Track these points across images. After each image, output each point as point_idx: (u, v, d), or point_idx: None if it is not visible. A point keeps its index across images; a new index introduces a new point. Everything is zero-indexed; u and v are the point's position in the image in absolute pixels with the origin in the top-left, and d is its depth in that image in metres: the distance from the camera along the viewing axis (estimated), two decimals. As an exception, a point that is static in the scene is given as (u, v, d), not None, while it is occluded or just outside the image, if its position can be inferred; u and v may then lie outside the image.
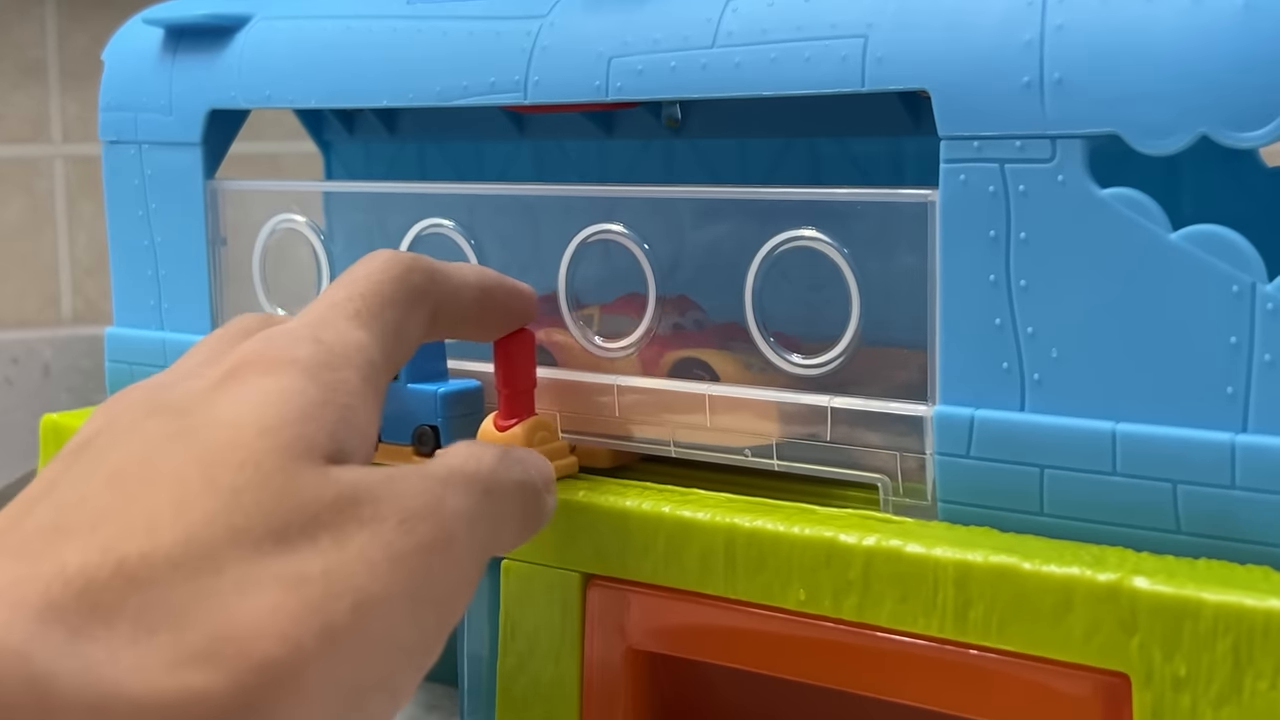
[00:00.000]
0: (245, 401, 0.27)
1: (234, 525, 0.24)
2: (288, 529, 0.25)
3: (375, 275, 0.32)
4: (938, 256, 0.33)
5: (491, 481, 0.29)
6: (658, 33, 0.36)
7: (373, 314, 0.31)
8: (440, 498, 0.27)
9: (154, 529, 0.24)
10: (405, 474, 0.27)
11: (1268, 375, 0.29)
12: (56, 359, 0.80)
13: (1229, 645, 0.27)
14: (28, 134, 0.81)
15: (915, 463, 0.34)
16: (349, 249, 0.45)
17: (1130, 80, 0.30)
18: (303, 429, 0.26)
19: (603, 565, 0.36)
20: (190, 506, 0.24)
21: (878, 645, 0.32)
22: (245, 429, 0.26)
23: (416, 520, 0.27)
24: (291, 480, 0.25)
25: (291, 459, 0.26)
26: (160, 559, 0.23)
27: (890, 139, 0.45)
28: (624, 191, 0.39)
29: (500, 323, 0.36)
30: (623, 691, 0.36)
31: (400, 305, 0.32)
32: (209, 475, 0.25)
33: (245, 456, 0.25)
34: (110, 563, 0.23)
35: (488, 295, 0.35)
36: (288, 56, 0.44)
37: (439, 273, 0.33)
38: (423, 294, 0.32)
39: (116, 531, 0.24)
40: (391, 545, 0.26)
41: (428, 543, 0.27)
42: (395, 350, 0.31)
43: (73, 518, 0.24)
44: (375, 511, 0.26)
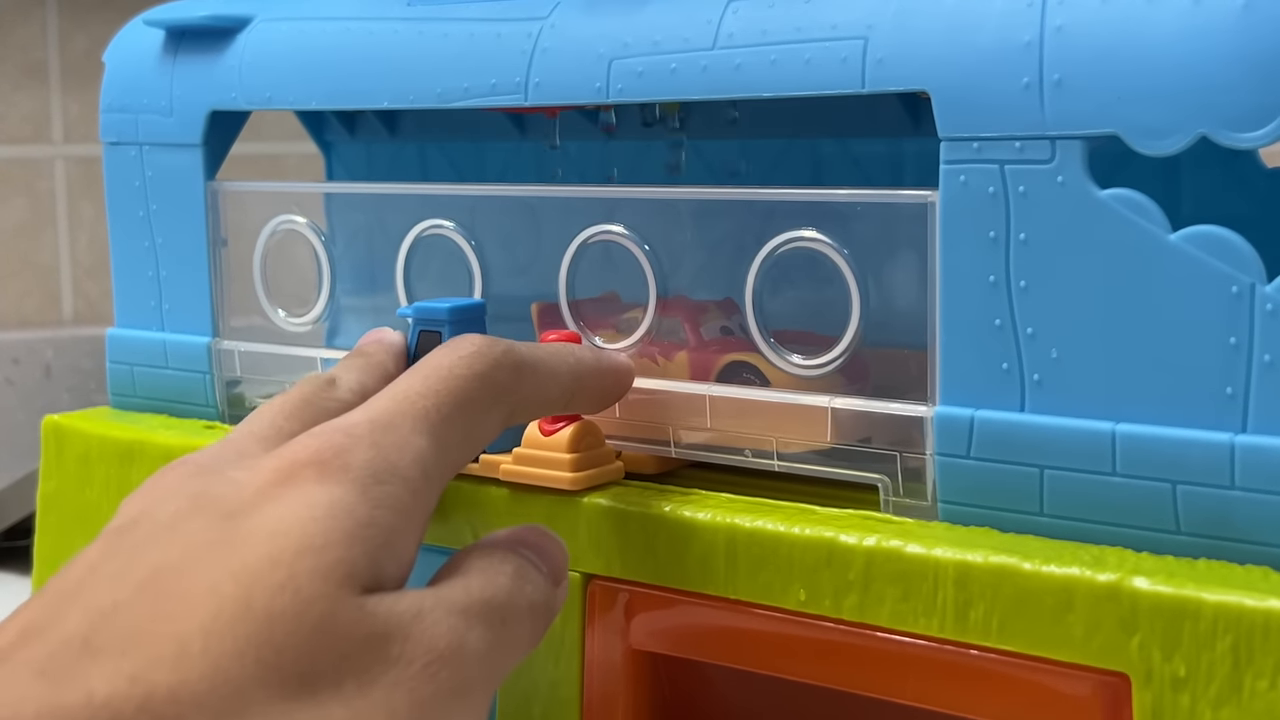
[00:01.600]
0: (291, 513, 0.26)
1: (263, 660, 0.24)
2: (315, 669, 0.24)
3: (459, 370, 0.30)
4: (938, 257, 0.33)
5: (508, 610, 0.29)
6: (658, 34, 0.37)
7: (443, 416, 0.29)
8: (463, 638, 0.27)
9: (183, 657, 0.23)
10: (434, 607, 0.27)
11: (1267, 376, 0.29)
12: (57, 359, 0.80)
13: (1229, 645, 0.28)
14: (29, 135, 0.81)
15: (915, 463, 0.34)
16: (350, 250, 0.45)
17: (1130, 81, 0.30)
18: (345, 552, 0.26)
19: (603, 565, 0.36)
20: (222, 633, 0.24)
21: (878, 645, 0.32)
22: (287, 546, 0.25)
23: (440, 665, 0.26)
24: (329, 614, 0.25)
25: (333, 586, 0.25)
26: (187, 696, 0.23)
27: (890, 140, 0.45)
28: (624, 192, 0.39)
29: (590, 405, 0.36)
30: (623, 691, 0.36)
31: (477, 405, 0.30)
32: (245, 595, 0.24)
33: (285, 579, 0.25)
34: (137, 696, 0.23)
35: (578, 384, 0.34)
36: (289, 58, 0.44)
37: (528, 367, 0.32)
38: (505, 393, 0.31)
39: (146, 658, 0.23)
40: (414, 692, 0.26)
41: (448, 689, 0.26)
42: (461, 454, 0.30)
43: (104, 633, 0.24)
44: (403, 651, 0.26)
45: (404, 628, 0.26)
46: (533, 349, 0.33)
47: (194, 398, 0.47)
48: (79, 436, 0.47)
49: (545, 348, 0.34)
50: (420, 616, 0.26)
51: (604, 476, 0.37)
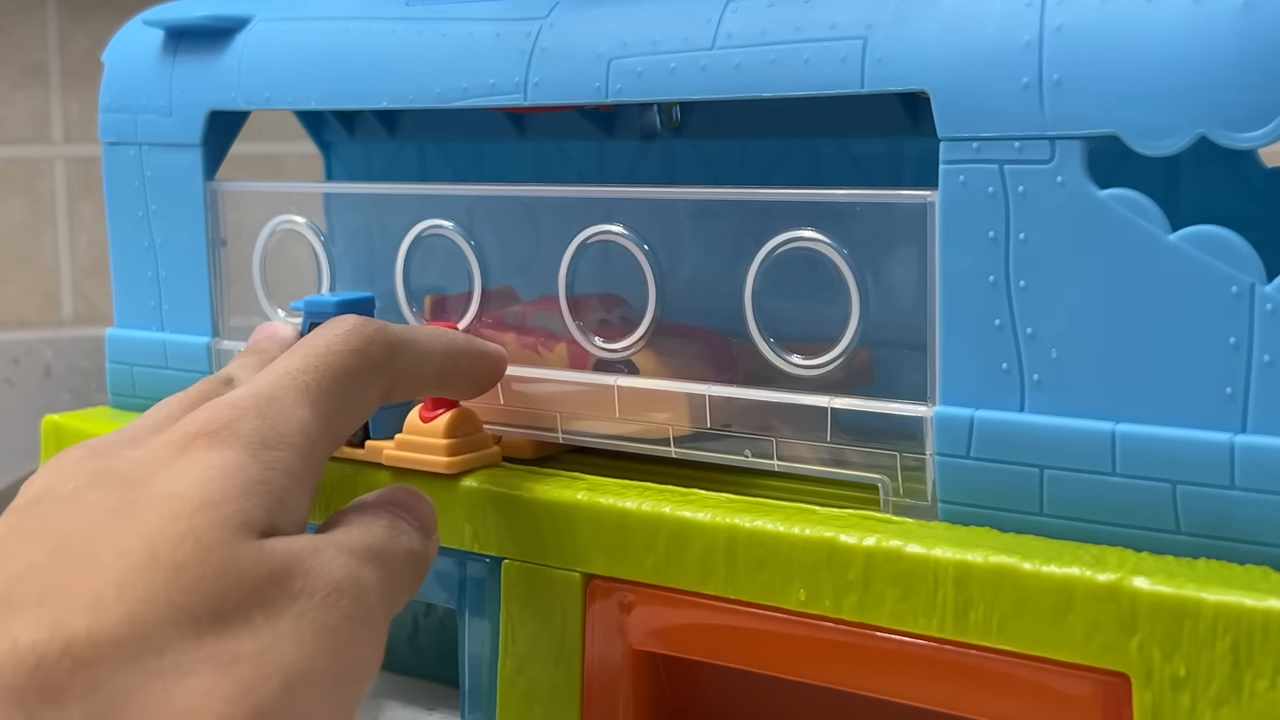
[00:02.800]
0: (187, 475, 0.28)
1: (174, 603, 0.25)
2: (224, 606, 0.26)
3: (335, 346, 0.32)
4: (937, 257, 0.33)
5: (389, 554, 0.30)
6: (657, 34, 0.37)
7: (323, 389, 0.31)
8: (357, 571, 0.29)
9: (99, 604, 0.25)
10: (325, 546, 0.29)
11: (1267, 376, 0.29)
12: (57, 360, 0.80)
13: (1228, 645, 0.28)
14: (28, 135, 0.81)
15: (915, 463, 0.34)
16: (349, 250, 0.45)
17: (1129, 81, 0.30)
18: (241, 504, 0.27)
19: (603, 565, 0.36)
20: (133, 582, 0.25)
21: (878, 645, 0.32)
22: (186, 502, 0.27)
23: (340, 594, 0.28)
24: (230, 556, 0.26)
25: (230, 533, 0.27)
26: (105, 638, 0.24)
27: (890, 140, 0.45)
28: (624, 192, 0.39)
29: (464, 388, 0.37)
30: (623, 691, 0.36)
31: (355, 378, 0.32)
32: (151, 549, 0.26)
33: (185, 530, 0.26)
34: (59, 640, 0.24)
35: (452, 363, 0.36)
36: (288, 58, 0.44)
37: (401, 344, 0.34)
38: (381, 368, 0.33)
39: (64, 607, 0.25)
40: (319, 620, 0.27)
41: (350, 616, 0.28)
42: (341, 424, 0.32)
43: (20, 590, 0.25)
44: (305, 584, 0.27)
45: (303, 563, 0.28)
46: (407, 329, 0.35)
47: (193, 398, 0.47)
48: (79, 437, 0.47)
49: (419, 328, 0.36)
50: (317, 553, 0.28)
51: (480, 460, 0.39)
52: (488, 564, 0.38)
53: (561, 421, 0.40)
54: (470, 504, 0.38)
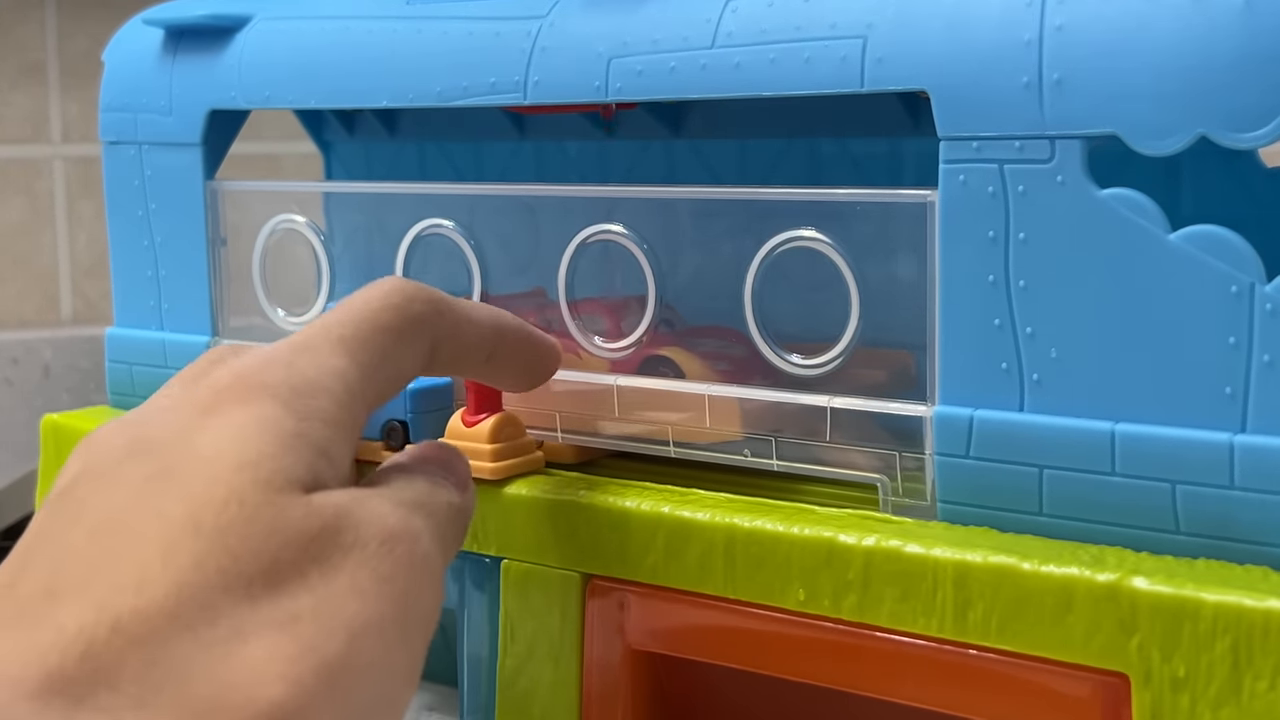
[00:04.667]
0: (222, 435, 0.27)
1: (223, 568, 0.24)
2: (277, 566, 0.25)
3: (374, 302, 0.31)
4: (937, 257, 0.33)
5: (432, 505, 0.30)
6: (657, 33, 0.37)
7: (360, 340, 0.30)
8: (408, 518, 0.28)
9: (145, 581, 0.24)
10: (371, 496, 0.28)
11: (1267, 375, 0.29)
12: (56, 359, 0.80)
13: (1228, 645, 0.28)
14: (28, 134, 0.81)
15: (915, 463, 0.34)
16: (349, 249, 0.45)
17: (1130, 80, 0.30)
18: (281, 462, 0.26)
19: (603, 565, 0.36)
20: (178, 552, 0.24)
21: (877, 645, 0.32)
22: (224, 464, 0.26)
23: (395, 541, 0.27)
24: (277, 515, 0.26)
25: (274, 492, 0.26)
26: (155, 612, 0.23)
27: (890, 139, 0.45)
28: (624, 192, 0.39)
29: (515, 369, 0.36)
30: (623, 691, 0.36)
31: (393, 332, 0.31)
32: (193, 516, 0.25)
33: (227, 493, 0.25)
34: (107, 621, 0.23)
35: (500, 339, 0.34)
36: (288, 57, 0.44)
37: (444, 304, 0.32)
38: (422, 324, 0.32)
39: (109, 587, 0.24)
40: (377, 569, 0.26)
41: (407, 562, 0.27)
42: (381, 378, 0.31)
43: (63, 577, 0.24)
44: (357, 536, 0.26)
45: (352, 514, 0.27)
46: (451, 296, 0.33)
47: (193, 397, 0.47)
48: (78, 436, 0.46)
49: (465, 300, 0.34)
50: (365, 503, 0.27)
51: (524, 466, 0.38)
52: (487, 564, 0.38)
53: (594, 425, 0.39)
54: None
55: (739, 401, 0.37)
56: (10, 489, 0.70)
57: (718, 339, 0.39)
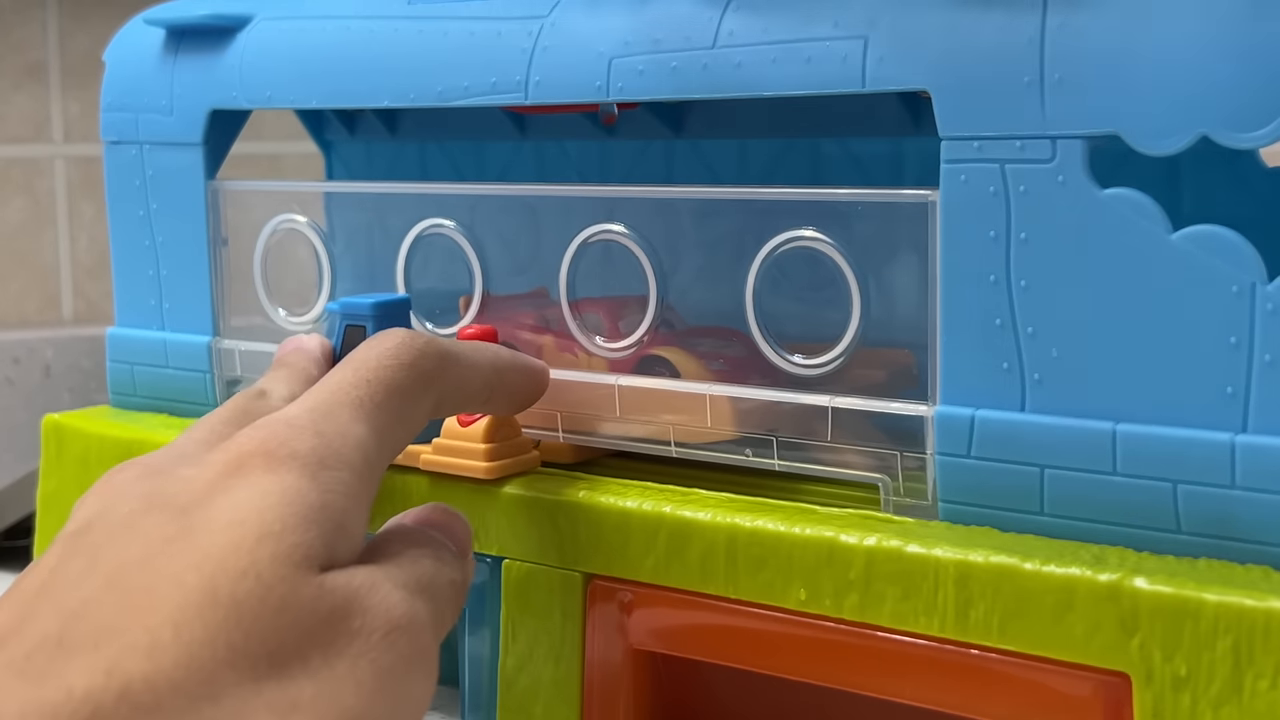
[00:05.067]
0: (246, 503, 0.27)
1: (233, 644, 0.25)
2: (283, 649, 0.25)
3: (386, 360, 0.31)
4: (938, 257, 0.33)
5: (435, 586, 0.30)
6: (659, 33, 0.36)
7: (377, 404, 0.31)
8: (413, 607, 0.28)
9: (155, 648, 0.24)
10: (382, 581, 0.28)
11: (1268, 375, 0.29)
12: (57, 359, 0.80)
13: (1229, 645, 0.28)
14: (29, 134, 0.81)
15: (916, 463, 0.34)
16: (350, 249, 0.45)
17: (1131, 80, 0.30)
18: (302, 536, 0.27)
19: (603, 565, 0.36)
20: (191, 622, 0.25)
21: (878, 645, 0.32)
22: (246, 533, 0.26)
23: (399, 634, 0.27)
24: (290, 593, 0.26)
25: (291, 568, 0.26)
26: (163, 682, 0.24)
27: (890, 139, 0.45)
28: (624, 192, 0.39)
29: (509, 403, 0.37)
30: (624, 691, 0.36)
31: (406, 394, 0.31)
32: (211, 585, 0.25)
33: (247, 565, 0.26)
34: (115, 687, 0.23)
35: (498, 379, 0.35)
36: (289, 57, 0.44)
37: (450, 359, 0.33)
38: (431, 381, 0.32)
39: (120, 650, 0.24)
40: (378, 661, 0.27)
41: (407, 657, 0.27)
42: (395, 440, 0.31)
43: (76, 630, 0.25)
44: (363, 624, 0.27)
45: (361, 601, 0.27)
46: (453, 343, 0.34)
47: (194, 397, 0.47)
48: (79, 436, 0.47)
49: (465, 343, 0.35)
50: (374, 589, 0.27)
51: (519, 466, 0.38)
52: (488, 564, 0.38)
53: (593, 425, 0.39)
54: (471, 505, 0.38)
55: (732, 401, 0.37)
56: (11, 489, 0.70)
57: (715, 339, 0.39)
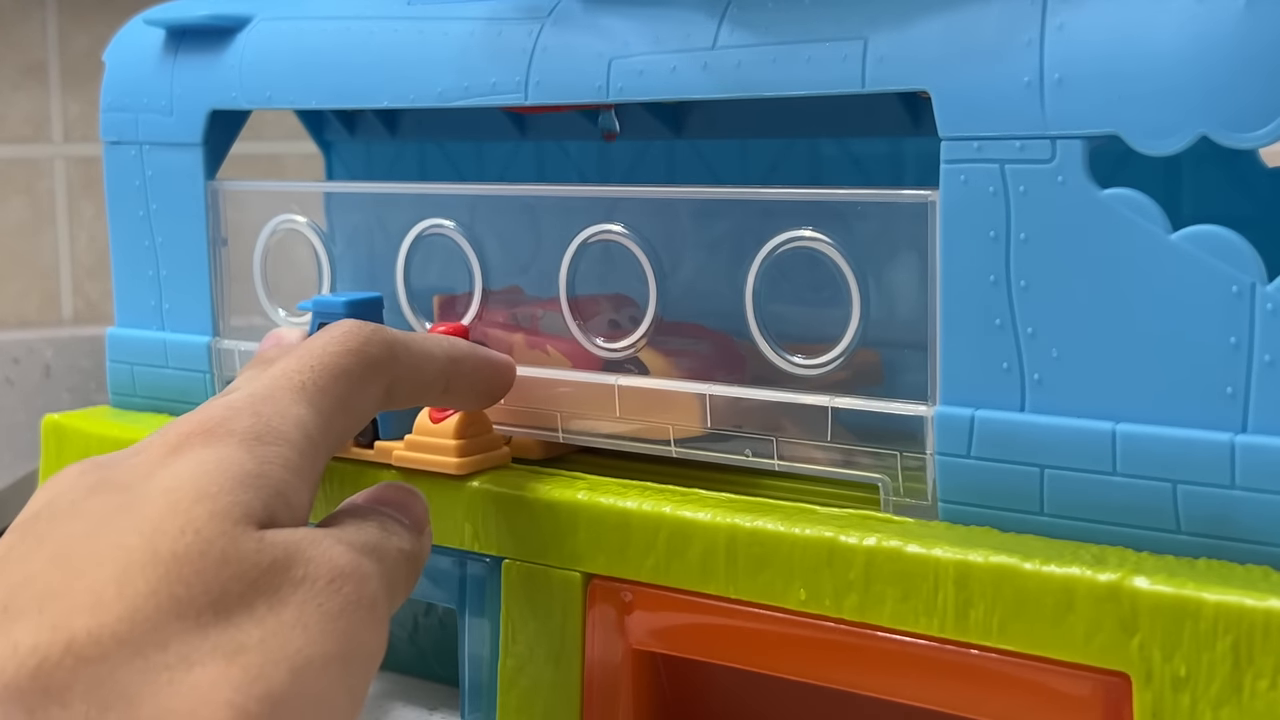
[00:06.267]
0: (183, 471, 0.28)
1: (176, 595, 0.25)
2: (227, 597, 0.26)
3: (331, 346, 0.32)
4: (938, 257, 0.33)
5: (381, 551, 0.30)
6: (659, 33, 0.36)
7: (320, 388, 0.31)
8: (358, 559, 0.29)
9: (99, 604, 0.25)
10: (324, 537, 0.29)
11: (1268, 375, 0.29)
12: (57, 359, 0.80)
13: (1229, 645, 0.28)
14: (29, 134, 0.81)
15: (915, 463, 0.34)
16: (350, 249, 0.45)
17: (1130, 80, 0.30)
18: (239, 496, 0.27)
19: (603, 565, 0.36)
20: (134, 579, 0.25)
21: (878, 645, 0.32)
22: (182, 496, 0.27)
23: (343, 580, 0.28)
24: (230, 546, 0.26)
25: (230, 524, 0.27)
26: (107, 635, 0.24)
27: (890, 139, 0.45)
28: (624, 192, 0.39)
29: (470, 397, 0.37)
30: (623, 691, 0.36)
31: (352, 378, 0.32)
32: (150, 544, 0.26)
33: (184, 523, 0.26)
34: (60, 641, 0.24)
35: (455, 369, 0.36)
36: (289, 57, 0.44)
37: (399, 345, 0.34)
38: (378, 367, 0.33)
39: (64, 609, 0.25)
40: (324, 606, 0.27)
41: (354, 601, 0.28)
42: (342, 423, 0.32)
43: (21, 598, 0.25)
44: (306, 572, 0.27)
45: (304, 551, 0.28)
46: (405, 333, 0.35)
47: (194, 397, 0.47)
48: (79, 436, 0.47)
49: (419, 334, 0.35)
50: (317, 542, 0.28)
51: (490, 461, 0.39)
52: (488, 564, 0.38)
53: (566, 421, 0.40)
54: (471, 504, 0.38)
55: (699, 398, 0.37)
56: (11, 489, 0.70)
57: (683, 336, 0.39)
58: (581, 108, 0.40)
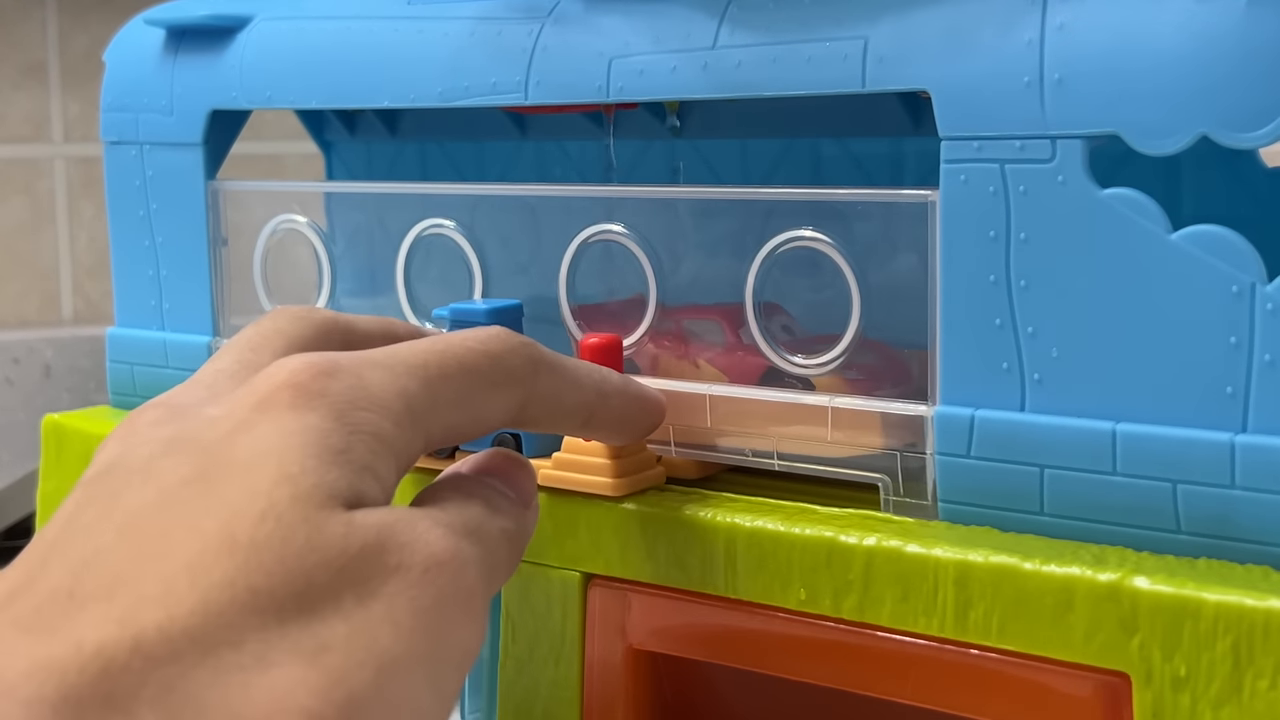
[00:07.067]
0: (265, 443, 0.25)
1: (254, 587, 0.23)
2: (310, 589, 0.24)
3: (469, 342, 0.29)
4: (938, 256, 0.33)
5: (485, 531, 0.28)
6: (659, 33, 0.37)
7: (443, 373, 0.28)
8: (458, 545, 0.26)
9: (171, 595, 0.23)
10: (421, 517, 0.26)
11: (1268, 375, 0.29)
12: (57, 359, 0.80)
13: (1229, 645, 0.28)
14: (29, 134, 0.81)
15: (915, 463, 0.34)
16: (350, 249, 0.45)
17: (1130, 80, 0.30)
18: (323, 477, 0.25)
19: (603, 565, 0.36)
20: (208, 568, 0.23)
21: (878, 645, 0.32)
22: (264, 476, 0.25)
23: (440, 570, 0.25)
24: (315, 532, 0.24)
25: (314, 508, 0.24)
26: (178, 633, 0.22)
27: (891, 139, 0.45)
28: (624, 192, 0.39)
29: (615, 431, 0.35)
30: (623, 691, 0.36)
31: (481, 378, 0.29)
32: (227, 529, 0.24)
33: (264, 508, 0.24)
34: (128, 639, 0.22)
35: (601, 402, 0.33)
36: (289, 57, 0.44)
37: (545, 365, 0.31)
38: (514, 379, 0.30)
39: (133, 599, 0.23)
40: (417, 600, 0.25)
41: (450, 594, 0.25)
42: (456, 416, 0.29)
43: (88, 580, 0.23)
44: (401, 559, 0.25)
45: (397, 535, 0.25)
46: (558, 355, 0.32)
47: (194, 397, 0.47)
48: (79, 436, 0.47)
49: (573, 360, 0.32)
50: (412, 525, 0.26)
51: (645, 482, 0.36)
52: (488, 563, 0.38)
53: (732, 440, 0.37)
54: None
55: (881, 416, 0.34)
56: (10, 489, 0.70)
57: None
58: (581, 108, 0.40)
